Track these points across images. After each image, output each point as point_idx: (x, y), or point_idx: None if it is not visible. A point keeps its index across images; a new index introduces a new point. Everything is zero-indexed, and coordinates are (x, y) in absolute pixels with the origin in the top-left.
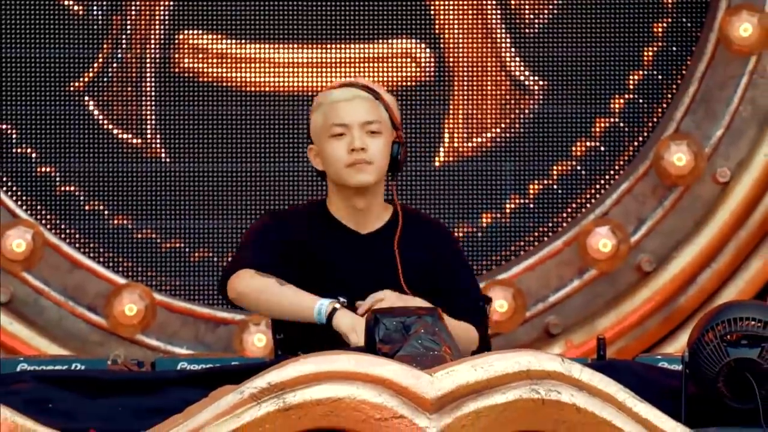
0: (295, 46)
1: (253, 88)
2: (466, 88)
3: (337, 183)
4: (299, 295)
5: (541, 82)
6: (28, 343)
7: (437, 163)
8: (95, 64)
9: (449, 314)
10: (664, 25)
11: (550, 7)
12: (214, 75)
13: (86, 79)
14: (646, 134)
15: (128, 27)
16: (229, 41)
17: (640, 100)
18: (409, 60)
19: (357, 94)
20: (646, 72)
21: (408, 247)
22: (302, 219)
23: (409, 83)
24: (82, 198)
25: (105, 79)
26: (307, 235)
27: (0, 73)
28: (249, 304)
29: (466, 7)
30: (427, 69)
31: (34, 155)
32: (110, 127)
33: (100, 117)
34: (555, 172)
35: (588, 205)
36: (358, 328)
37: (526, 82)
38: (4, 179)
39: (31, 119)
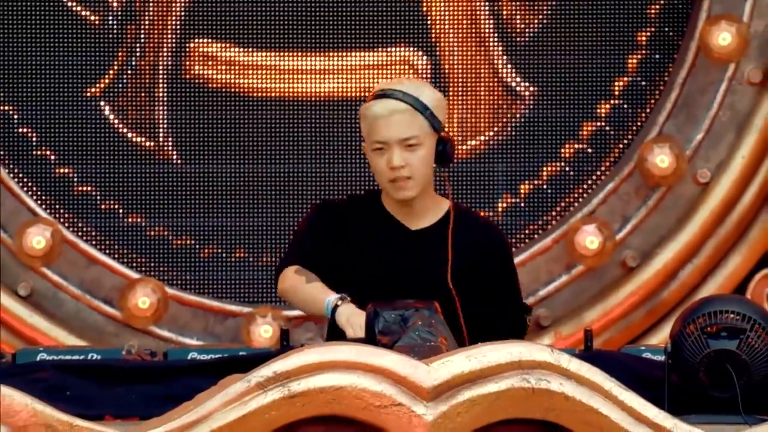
0: (300, 54)
1: (259, 94)
2: (460, 93)
3: None
4: (316, 292)
5: (531, 88)
6: (47, 334)
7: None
8: (110, 71)
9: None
10: (648, 34)
11: (540, 17)
12: (223, 81)
13: (102, 86)
14: (630, 137)
15: (142, 36)
16: (237, 49)
17: (625, 105)
18: (406, 67)
19: (395, 108)
20: (630, 78)
21: (459, 246)
22: (355, 210)
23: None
24: (98, 197)
25: (120, 86)
26: (358, 226)
27: (21, 80)
28: (289, 302)
29: (460, 17)
30: (424, 75)
31: (53, 157)
32: (125, 130)
33: (115, 121)
34: (545, 173)
35: (576, 205)
36: (352, 321)
37: (518, 88)
38: (25, 180)
39: (50, 123)
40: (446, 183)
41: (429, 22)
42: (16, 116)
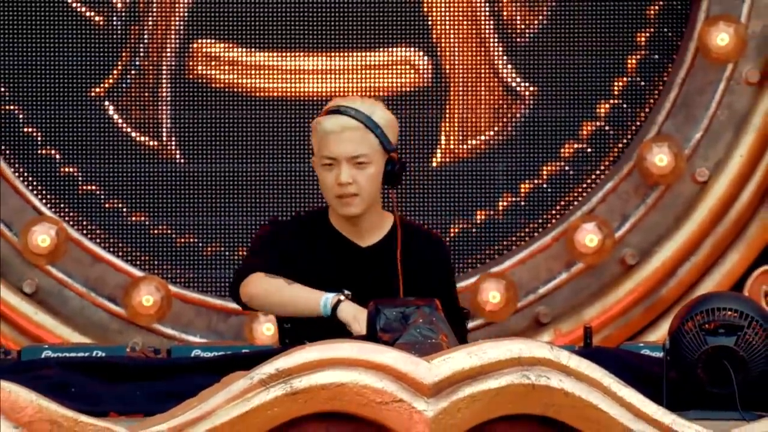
0: (301, 54)
1: (261, 94)
2: (461, 93)
3: None
4: (306, 292)
5: (531, 88)
6: (52, 332)
7: (434, 164)
8: (115, 72)
9: None
10: (647, 35)
11: (540, 17)
12: (226, 81)
13: (106, 86)
14: (629, 137)
15: (146, 37)
16: (239, 50)
17: (624, 105)
18: (408, 67)
19: (346, 125)
20: (629, 79)
21: (407, 260)
22: (304, 229)
23: (408, 89)
24: (102, 196)
25: (124, 86)
26: (308, 246)
27: (26, 80)
28: (261, 305)
29: (461, 18)
30: (425, 75)
31: (57, 156)
32: (129, 130)
33: (120, 121)
34: (545, 172)
35: (575, 203)
36: (359, 317)
37: (518, 88)
38: (30, 179)
39: (55, 123)
40: (393, 203)
41: (430, 22)
42: (21, 116)
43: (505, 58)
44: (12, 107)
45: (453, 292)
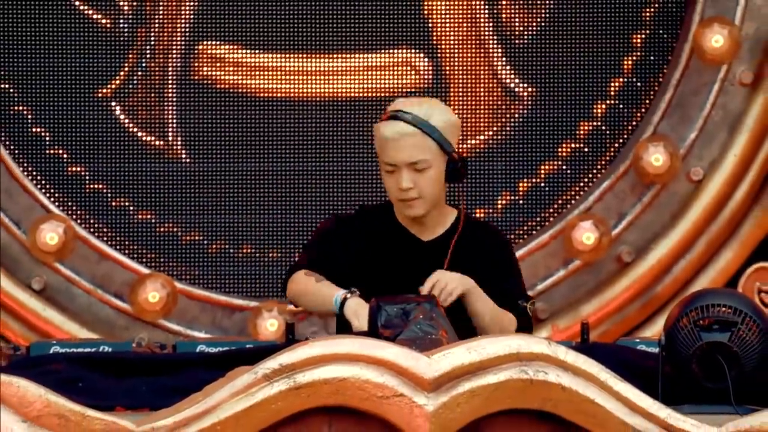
0: (304, 55)
1: (265, 95)
2: (461, 94)
3: None
4: (324, 289)
5: (529, 89)
6: (60, 328)
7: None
8: (121, 73)
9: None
10: (643, 36)
11: (538, 19)
12: (230, 82)
13: (113, 87)
14: (626, 136)
15: (152, 38)
16: (243, 51)
17: (621, 106)
18: (408, 68)
19: (404, 132)
20: (626, 79)
21: (466, 254)
22: (367, 223)
23: (408, 90)
24: (109, 195)
25: (130, 87)
26: (370, 239)
27: (35, 82)
28: (299, 304)
29: (460, 20)
30: (426, 76)
31: (65, 156)
32: (135, 130)
33: (126, 121)
34: (543, 172)
35: (573, 202)
36: (360, 313)
37: (516, 89)
38: (39, 178)
39: (63, 123)
40: (461, 198)
41: (430, 25)
42: (30, 116)
43: (503, 59)
44: (21, 108)
45: (510, 276)
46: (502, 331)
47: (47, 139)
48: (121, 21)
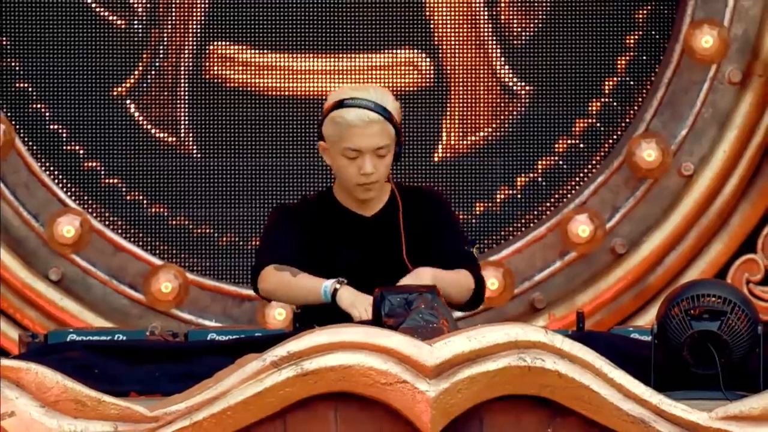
0: (311, 55)
1: (273, 93)
2: (461, 92)
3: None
4: (308, 281)
5: (527, 88)
6: (76, 317)
7: (436, 159)
8: (136, 72)
9: (443, 266)
10: (636, 37)
11: (536, 21)
12: (240, 81)
13: (128, 85)
14: (619, 133)
15: (165, 39)
16: (252, 51)
17: (615, 104)
18: (411, 68)
19: (370, 119)
20: (619, 78)
21: (409, 221)
22: (312, 209)
23: (411, 88)
24: (123, 189)
25: (144, 85)
26: (317, 223)
27: (53, 81)
28: (276, 298)
29: (461, 21)
30: (427, 76)
31: (81, 152)
32: (149, 127)
33: (140, 118)
34: (540, 167)
35: (569, 196)
36: (357, 303)
37: (514, 88)
38: (56, 173)
39: (80, 121)
40: (390, 176)
41: (432, 26)
42: (48, 114)
43: (502, 59)
44: (39, 106)
45: (452, 230)
46: (463, 292)
47: (64, 135)
48: (136, 22)
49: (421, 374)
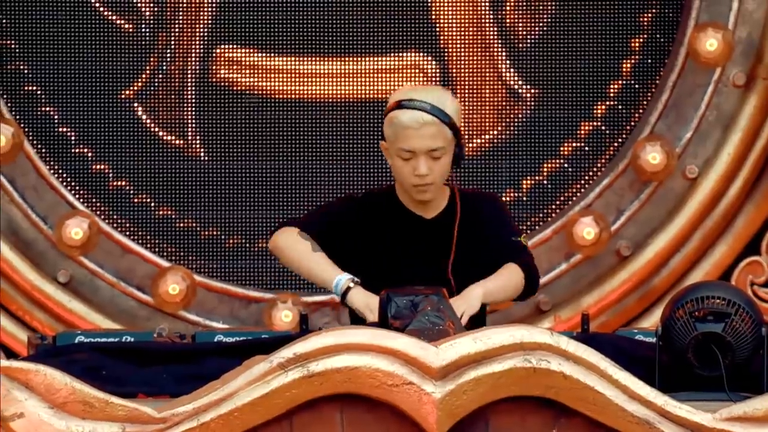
0: (317, 58)
1: (280, 96)
2: (466, 95)
3: None
4: (324, 266)
5: (532, 90)
6: (84, 319)
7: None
8: (143, 75)
9: (496, 264)
10: (641, 40)
11: (541, 24)
12: (247, 84)
13: (135, 88)
14: (624, 136)
15: (172, 42)
16: (259, 55)
17: (620, 107)
18: (417, 71)
19: (425, 121)
20: (624, 81)
21: (465, 227)
22: (374, 206)
23: None
24: (131, 192)
25: (152, 88)
26: (378, 221)
27: (61, 84)
28: (282, 258)
29: (467, 24)
30: (433, 79)
31: (90, 154)
32: (156, 129)
33: (148, 121)
34: (545, 170)
35: (574, 198)
36: (371, 305)
37: (520, 90)
38: (64, 175)
39: (88, 123)
40: (452, 176)
41: (438, 29)
42: (56, 117)
43: (508, 62)
44: (48, 109)
45: (504, 225)
46: (517, 288)
47: (73, 138)
48: (143, 26)
49: (427, 376)
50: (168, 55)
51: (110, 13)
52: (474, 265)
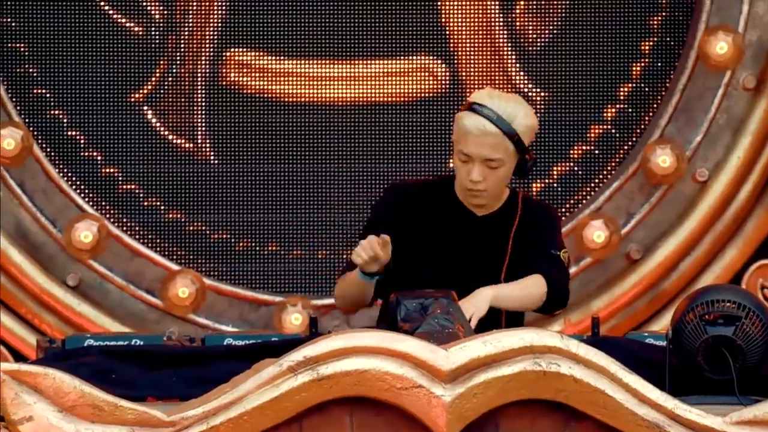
0: (327, 61)
1: (290, 99)
2: None
3: None
4: (349, 276)
5: (542, 93)
6: (94, 322)
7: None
8: (153, 79)
9: (528, 266)
10: (651, 43)
11: (551, 27)
12: (257, 87)
13: (145, 92)
14: (634, 139)
15: (182, 46)
16: (269, 58)
17: (630, 110)
18: (426, 74)
19: (486, 130)
20: (634, 85)
21: (521, 231)
22: (425, 194)
23: (426, 94)
24: (141, 195)
25: (161, 92)
26: (427, 211)
27: (71, 87)
28: (347, 302)
29: (476, 27)
30: (443, 82)
31: (99, 158)
32: (166, 133)
33: (157, 124)
34: (555, 173)
35: (584, 202)
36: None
37: (530, 93)
38: (74, 179)
39: (97, 127)
40: (519, 187)
41: (447, 32)
42: (65, 120)
43: (517, 65)
44: (57, 112)
45: (546, 236)
46: (534, 300)
47: (82, 141)
48: (153, 29)
49: (436, 379)
50: (178, 58)
51: (119, 15)
52: (523, 270)
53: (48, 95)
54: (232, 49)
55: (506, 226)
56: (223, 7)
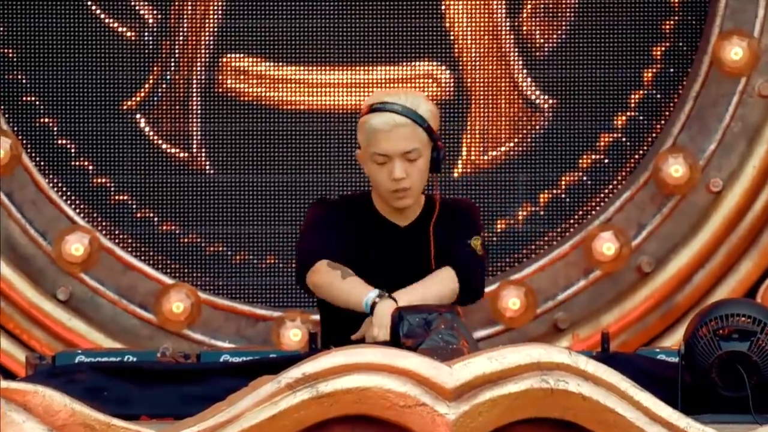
0: (327, 68)
1: (288, 107)
2: (482, 106)
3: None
4: (354, 288)
5: (550, 101)
6: (85, 337)
7: (456, 174)
8: (146, 85)
9: (444, 263)
10: (662, 49)
11: (559, 32)
12: (254, 95)
13: (138, 99)
14: (646, 148)
15: (176, 51)
16: (267, 64)
17: (641, 117)
18: (430, 80)
19: (396, 122)
20: (646, 92)
21: (438, 233)
22: (351, 210)
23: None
24: (134, 206)
25: (155, 99)
26: (354, 227)
27: (61, 94)
28: (322, 296)
29: (482, 33)
30: (447, 88)
31: (90, 168)
32: (159, 142)
33: (151, 133)
34: (563, 183)
35: (593, 212)
36: (385, 323)
37: (537, 101)
38: (64, 189)
39: (88, 135)
40: (435, 187)
41: (452, 37)
42: (55, 128)
43: (524, 71)
44: (47, 120)
45: (464, 232)
46: (444, 295)
47: (73, 151)
48: (146, 34)
49: (440, 396)
50: (172, 63)
51: (112, 20)
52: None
53: (37, 103)
54: (229, 55)
55: (428, 232)
56: (220, 11)
